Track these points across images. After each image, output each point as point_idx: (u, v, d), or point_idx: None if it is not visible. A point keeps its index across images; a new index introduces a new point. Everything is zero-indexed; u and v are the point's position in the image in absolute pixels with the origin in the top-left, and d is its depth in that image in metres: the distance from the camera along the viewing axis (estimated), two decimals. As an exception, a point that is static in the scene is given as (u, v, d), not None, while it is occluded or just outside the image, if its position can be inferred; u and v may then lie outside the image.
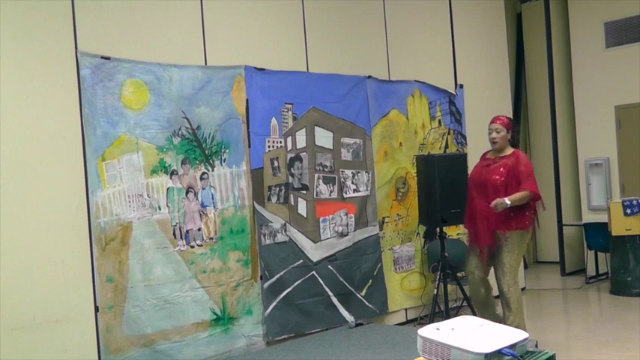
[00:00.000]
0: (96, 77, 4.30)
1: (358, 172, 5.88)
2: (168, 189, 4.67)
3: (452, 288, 6.25)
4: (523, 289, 7.67)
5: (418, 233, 6.43)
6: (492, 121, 5.06)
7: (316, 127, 5.58)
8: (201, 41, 4.93)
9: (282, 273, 5.25)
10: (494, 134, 5.00)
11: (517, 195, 4.76)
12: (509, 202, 4.70)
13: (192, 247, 4.75)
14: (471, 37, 7.26)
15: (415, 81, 6.50)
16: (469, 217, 5.11)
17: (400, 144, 6.32)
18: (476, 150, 6.99)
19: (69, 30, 4.22)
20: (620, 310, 6.55)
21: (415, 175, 6.28)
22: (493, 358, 2.51)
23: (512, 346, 2.59)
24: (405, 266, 6.30)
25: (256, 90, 5.18)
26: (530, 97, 9.47)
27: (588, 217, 8.33)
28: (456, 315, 5.91)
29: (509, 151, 5.01)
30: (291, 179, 5.38)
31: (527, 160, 5.04)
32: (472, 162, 6.72)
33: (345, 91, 5.82)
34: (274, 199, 5.26)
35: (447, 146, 6.77)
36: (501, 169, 4.90)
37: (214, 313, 4.81)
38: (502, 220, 4.82)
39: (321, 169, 5.59)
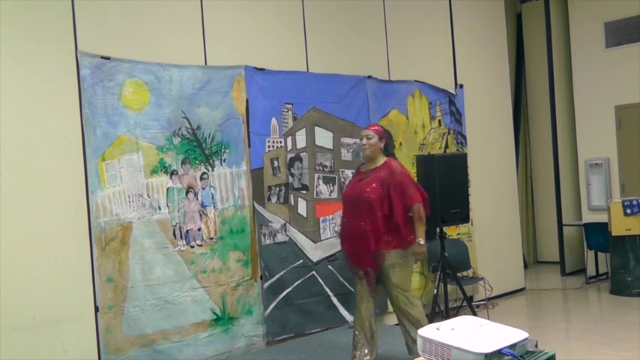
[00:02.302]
0: (96, 77, 4.31)
1: (358, 172, 5.87)
2: (168, 189, 4.67)
3: (452, 288, 6.25)
4: (523, 289, 7.68)
5: (418, 233, 6.41)
6: (365, 128, 4.60)
7: (316, 127, 5.58)
8: (201, 41, 4.93)
9: (282, 273, 5.25)
10: (364, 140, 4.39)
11: (418, 225, 4.29)
12: (423, 242, 4.31)
13: (192, 247, 4.75)
14: (471, 37, 7.26)
15: (415, 81, 6.50)
16: (346, 239, 4.48)
17: (400, 144, 6.31)
18: (476, 150, 7.01)
19: (69, 30, 4.22)
20: (620, 310, 6.54)
21: (415, 175, 6.27)
22: (493, 358, 2.51)
23: (513, 346, 2.59)
24: (405, 266, 6.28)
25: (256, 90, 5.18)
26: (530, 97, 9.47)
27: (588, 217, 8.33)
28: (456, 315, 5.91)
29: (381, 161, 4.38)
30: (291, 179, 5.38)
31: (401, 167, 4.43)
32: (472, 162, 6.75)
33: (345, 91, 5.81)
34: (274, 199, 5.26)
35: (447, 146, 6.77)
36: (374, 184, 4.28)
37: (214, 313, 4.81)
38: (381, 240, 4.26)
39: (321, 169, 5.59)
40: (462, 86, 7.00)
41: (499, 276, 7.08)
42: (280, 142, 5.34)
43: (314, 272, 5.45)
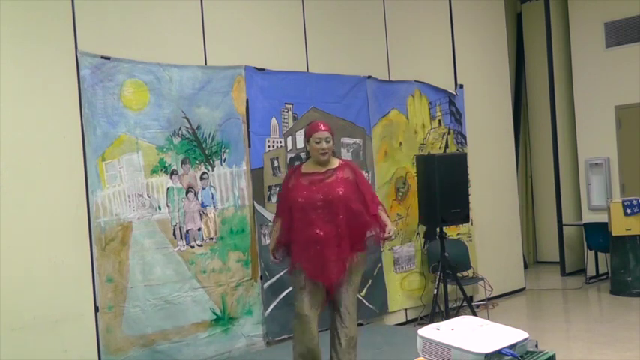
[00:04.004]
0: (96, 77, 4.30)
1: (358, 172, 5.87)
2: (168, 189, 4.67)
3: (452, 288, 6.25)
4: (523, 289, 7.68)
5: (418, 233, 6.43)
6: (319, 129, 3.97)
7: (316, 127, 5.58)
8: (201, 41, 4.93)
9: (282, 273, 5.23)
10: (323, 144, 3.93)
11: (385, 215, 4.04)
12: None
13: (192, 247, 4.75)
14: (471, 37, 7.26)
15: (415, 81, 6.50)
16: (304, 248, 3.89)
17: (400, 144, 6.32)
18: (476, 150, 7.01)
19: (69, 30, 4.22)
20: (620, 310, 6.54)
21: (415, 175, 6.28)
22: (493, 358, 2.51)
23: (512, 346, 2.59)
24: (405, 266, 6.30)
25: (256, 90, 5.18)
26: (530, 97, 9.46)
27: (588, 217, 8.33)
28: (456, 315, 5.91)
29: (337, 162, 4.04)
30: (291, 179, 5.38)
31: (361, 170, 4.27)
32: (472, 162, 6.76)
33: (345, 91, 5.81)
34: (274, 199, 5.25)
35: (447, 146, 6.77)
36: (346, 184, 3.93)
37: (214, 313, 4.81)
38: (358, 241, 3.94)
39: (321, 169, 5.59)
40: (462, 86, 7.00)
41: (499, 276, 7.08)
42: (280, 142, 5.34)
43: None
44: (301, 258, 3.93)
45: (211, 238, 4.86)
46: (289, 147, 5.39)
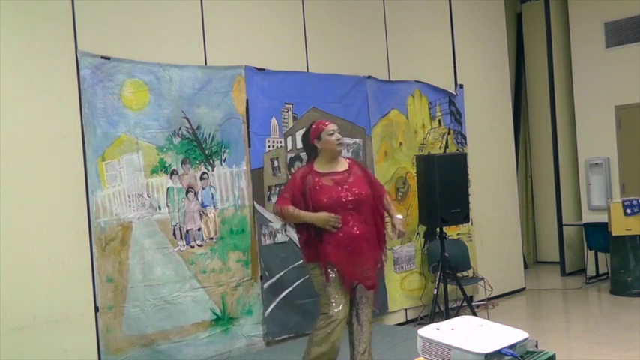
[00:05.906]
0: (96, 77, 4.31)
1: (358, 172, 5.87)
2: (168, 189, 4.67)
3: (452, 288, 6.26)
4: (523, 289, 7.68)
5: (418, 233, 6.43)
6: (327, 123, 3.97)
7: (316, 127, 5.58)
8: (201, 41, 4.93)
9: (282, 273, 5.24)
10: (337, 134, 3.90)
11: (394, 206, 4.09)
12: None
13: (192, 247, 4.75)
14: (471, 37, 7.26)
15: (415, 81, 6.50)
16: (342, 248, 3.78)
17: (400, 144, 6.32)
18: (476, 150, 7.01)
19: (69, 30, 4.22)
20: (620, 310, 6.54)
21: (415, 175, 6.28)
22: (493, 358, 2.51)
23: (512, 346, 2.59)
24: (405, 266, 6.30)
25: (256, 90, 5.18)
26: (530, 97, 9.46)
27: (588, 217, 8.33)
28: (456, 315, 5.91)
29: (345, 160, 4.02)
30: (291, 179, 5.38)
31: None
32: (472, 162, 6.76)
33: (345, 91, 5.82)
34: (274, 199, 5.25)
35: (447, 146, 6.77)
36: (364, 183, 3.94)
37: (214, 313, 4.81)
38: (384, 239, 4.02)
39: (321, 169, 5.59)
40: (462, 86, 7.00)
41: (499, 276, 7.08)
42: (280, 142, 5.34)
43: (314, 272, 5.44)
44: (339, 258, 3.79)
45: (211, 238, 4.86)
46: (289, 147, 5.39)
